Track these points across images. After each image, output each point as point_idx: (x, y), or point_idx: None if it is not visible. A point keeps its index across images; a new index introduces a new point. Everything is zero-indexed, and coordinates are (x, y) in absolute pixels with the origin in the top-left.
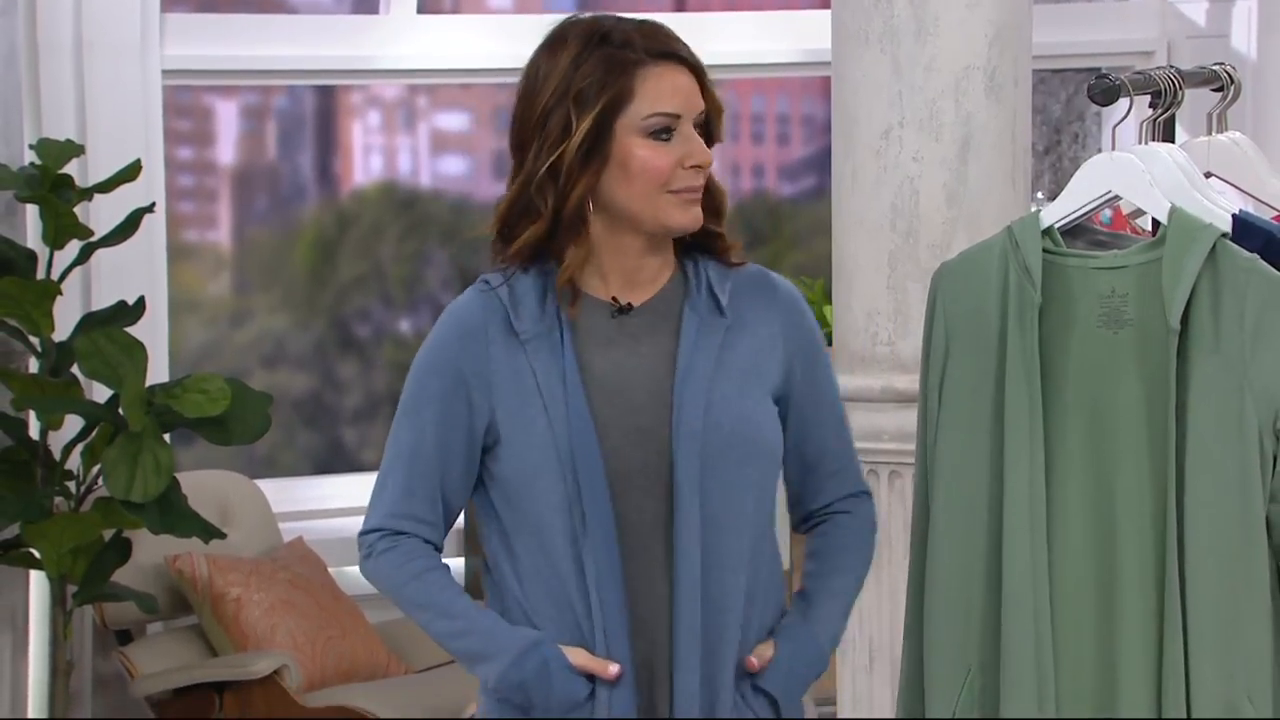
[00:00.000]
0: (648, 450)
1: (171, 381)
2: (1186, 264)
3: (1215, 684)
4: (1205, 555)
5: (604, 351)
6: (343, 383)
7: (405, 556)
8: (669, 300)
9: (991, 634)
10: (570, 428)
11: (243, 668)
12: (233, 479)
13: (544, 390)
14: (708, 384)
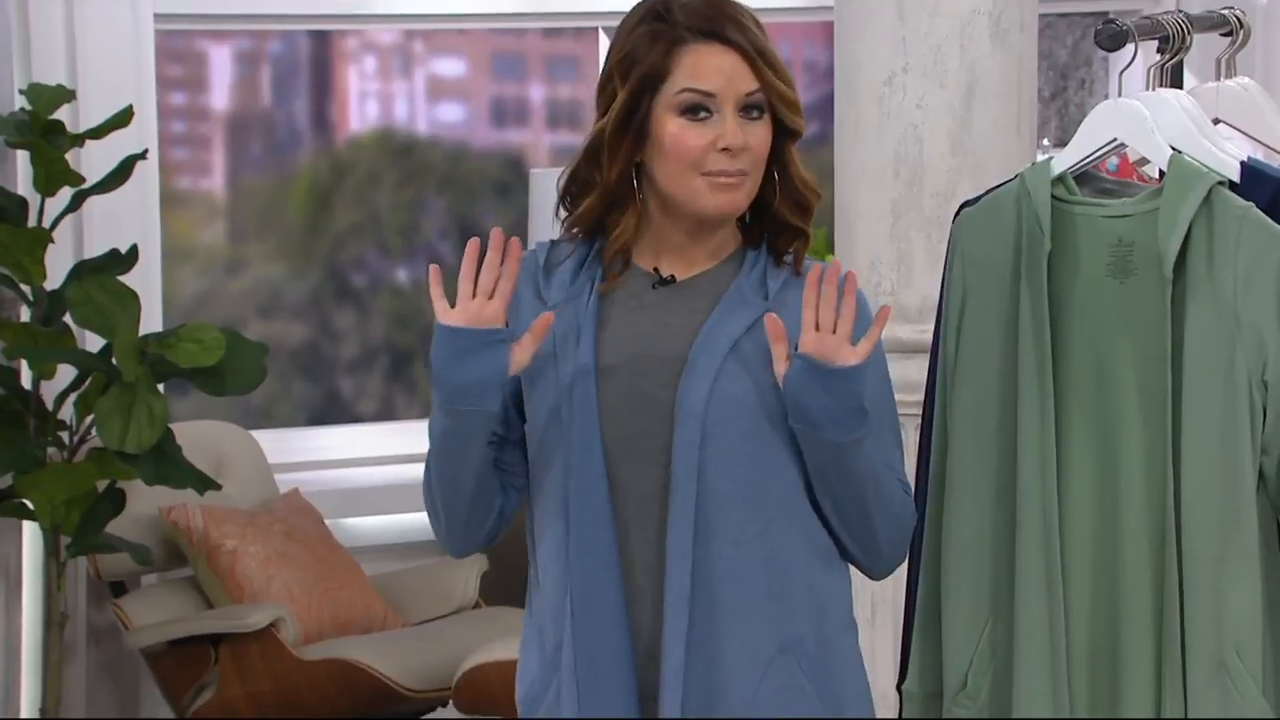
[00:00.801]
0: (650, 416)
1: (165, 331)
2: (1181, 212)
3: (1206, 638)
4: (1197, 508)
5: (631, 318)
6: (339, 332)
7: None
8: (717, 279)
9: (1007, 584)
10: (573, 385)
11: (238, 620)
12: (228, 430)
13: (558, 349)
14: (725, 354)
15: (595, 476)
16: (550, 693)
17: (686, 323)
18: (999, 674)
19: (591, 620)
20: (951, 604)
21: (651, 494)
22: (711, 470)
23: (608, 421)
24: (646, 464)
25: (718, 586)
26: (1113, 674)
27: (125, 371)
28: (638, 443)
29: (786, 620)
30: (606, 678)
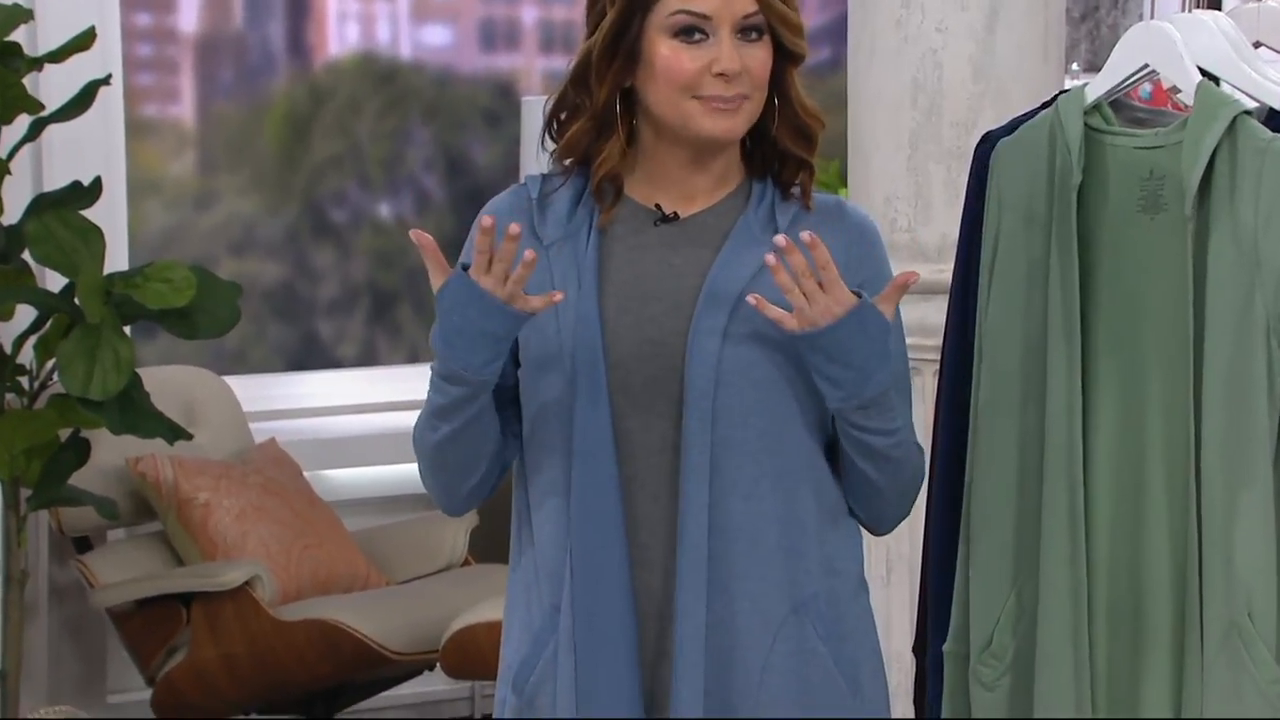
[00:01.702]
0: (658, 364)
1: (132, 270)
2: (1203, 144)
3: (1221, 597)
4: (1213, 463)
5: (633, 258)
6: (317, 272)
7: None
8: (722, 215)
9: (1034, 540)
10: (576, 334)
11: (211, 578)
12: (199, 375)
13: (559, 287)
14: (737, 298)
15: (601, 429)
16: (546, 655)
17: (693, 264)
18: (1025, 633)
19: (593, 581)
20: (979, 558)
21: (659, 448)
22: (724, 422)
23: (614, 372)
24: (655, 417)
25: (730, 544)
26: (1133, 634)
27: (89, 313)
28: (645, 394)
29: (800, 579)
30: (607, 641)
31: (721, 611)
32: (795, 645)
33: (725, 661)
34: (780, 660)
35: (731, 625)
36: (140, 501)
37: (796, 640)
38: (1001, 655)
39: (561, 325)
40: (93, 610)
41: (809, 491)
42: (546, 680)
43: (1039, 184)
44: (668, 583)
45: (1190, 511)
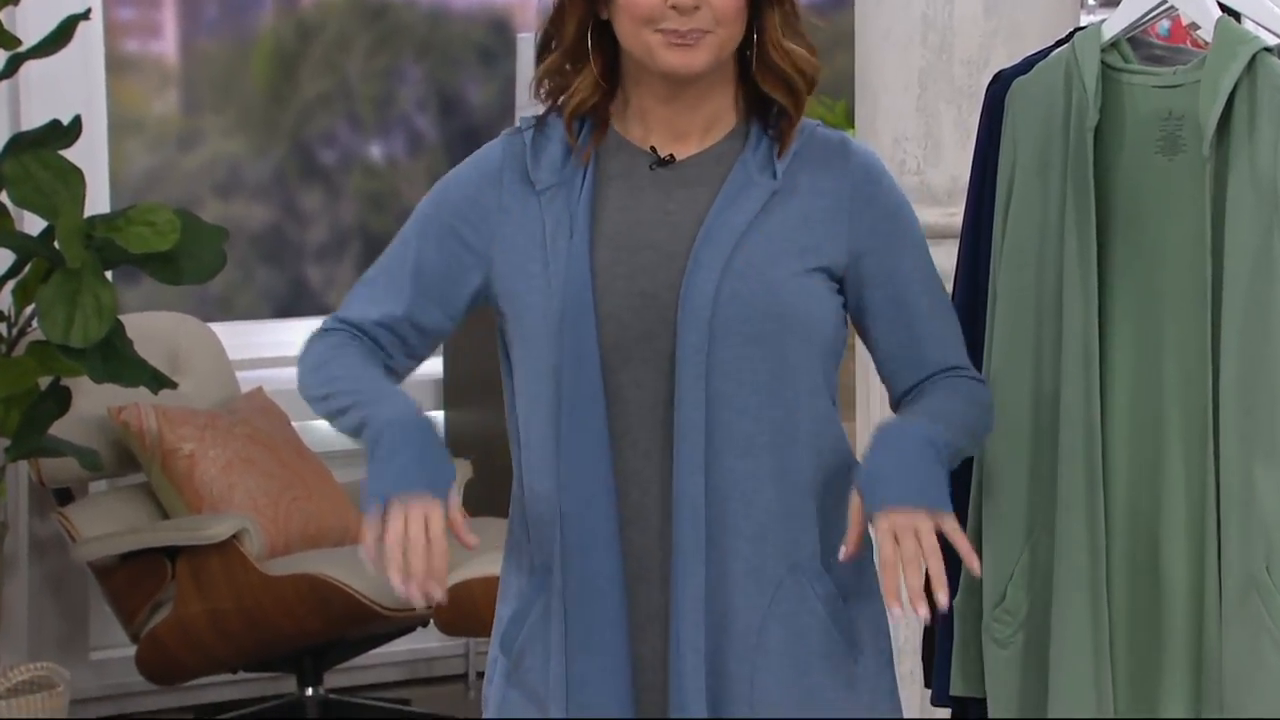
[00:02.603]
0: (650, 317)
1: (113, 212)
2: (1221, 82)
3: (1239, 550)
4: (1231, 411)
5: (627, 205)
6: (306, 215)
7: (337, 340)
8: (719, 158)
9: (1050, 491)
10: (565, 285)
11: (197, 531)
12: (183, 322)
13: (549, 242)
14: (732, 248)
15: (591, 384)
16: (536, 611)
17: (688, 211)
18: (1040, 588)
19: (583, 540)
20: (991, 511)
21: (651, 404)
22: (719, 377)
23: (605, 325)
24: (647, 371)
25: (725, 503)
26: (1152, 589)
27: (69, 257)
28: (637, 348)
29: (799, 539)
30: (598, 599)
31: (717, 571)
32: (793, 605)
33: (721, 622)
34: (777, 621)
35: (727, 585)
36: (123, 452)
37: (794, 600)
38: (1015, 611)
39: (552, 276)
40: (74, 564)
41: (808, 449)
42: (534, 639)
43: (1054, 125)
44: (661, 542)
45: (1208, 461)
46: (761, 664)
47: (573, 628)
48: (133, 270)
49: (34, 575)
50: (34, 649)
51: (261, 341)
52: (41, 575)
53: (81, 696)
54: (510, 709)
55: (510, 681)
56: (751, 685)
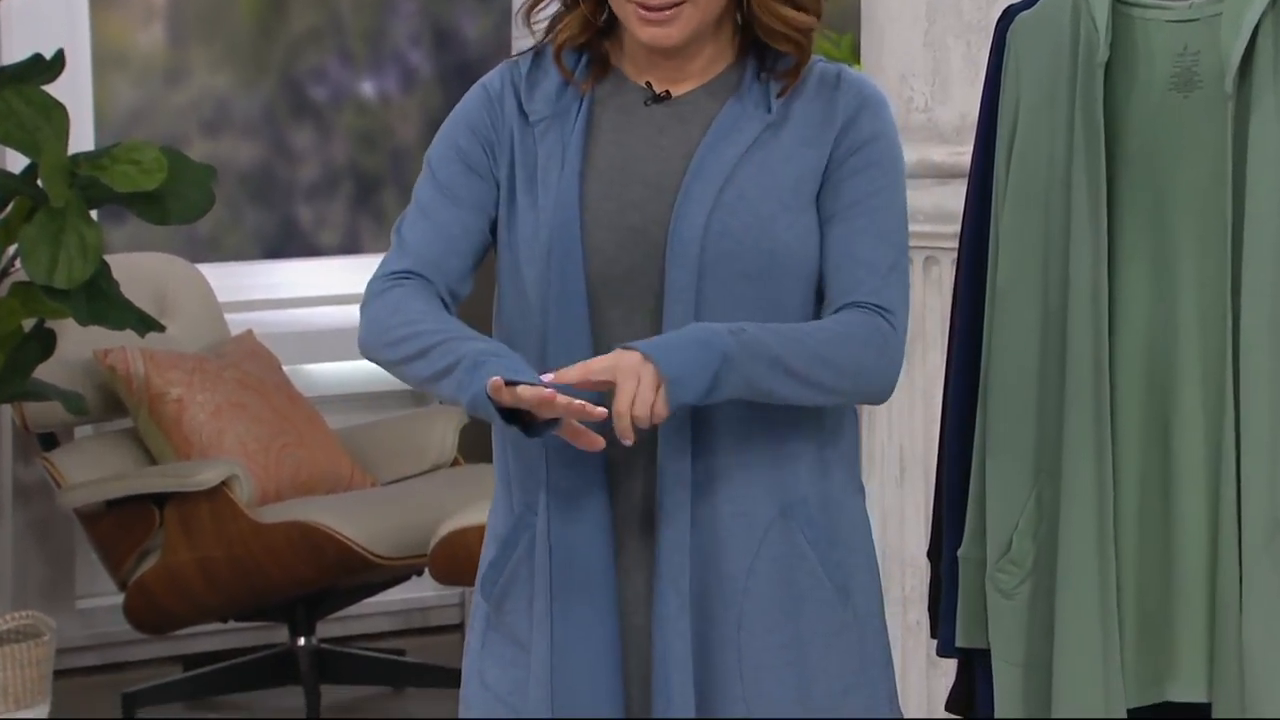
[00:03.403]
0: (638, 253)
1: (98, 150)
2: (1245, 16)
3: (1265, 495)
4: (1255, 352)
5: (619, 140)
6: (296, 153)
7: (407, 290)
8: (714, 93)
9: (1056, 436)
10: (553, 218)
11: (185, 478)
12: (171, 263)
13: (540, 174)
14: (722, 183)
15: (576, 320)
16: (519, 553)
17: (680, 146)
18: (1047, 538)
19: (569, 481)
20: (996, 457)
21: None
22: (708, 315)
23: (593, 260)
24: (635, 308)
25: (714, 445)
26: (1164, 537)
27: (53, 195)
28: (626, 284)
29: (788, 481)
30: (583, 541)
31: (705, 514)
32: (782, 550)
33: (709, 565)
34: (765, 565)
35: (715, 528)
36: (109, 396)
37: (783, 545)
38: (1021, 561)
39: (541, 210)
40: (60, 511)
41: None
42: (516, 582)
43: (1061, 61)
44: (647, 483)
45: (1227, 404)
46: (749, 608)
47: (557, 569)
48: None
49: (18, 522)
50: (19, 597)
51: (251, 283)
52: (26, 522)
53: (68, 645)
54: (491, 653)
55: (490, 625)
56: (739, 629)
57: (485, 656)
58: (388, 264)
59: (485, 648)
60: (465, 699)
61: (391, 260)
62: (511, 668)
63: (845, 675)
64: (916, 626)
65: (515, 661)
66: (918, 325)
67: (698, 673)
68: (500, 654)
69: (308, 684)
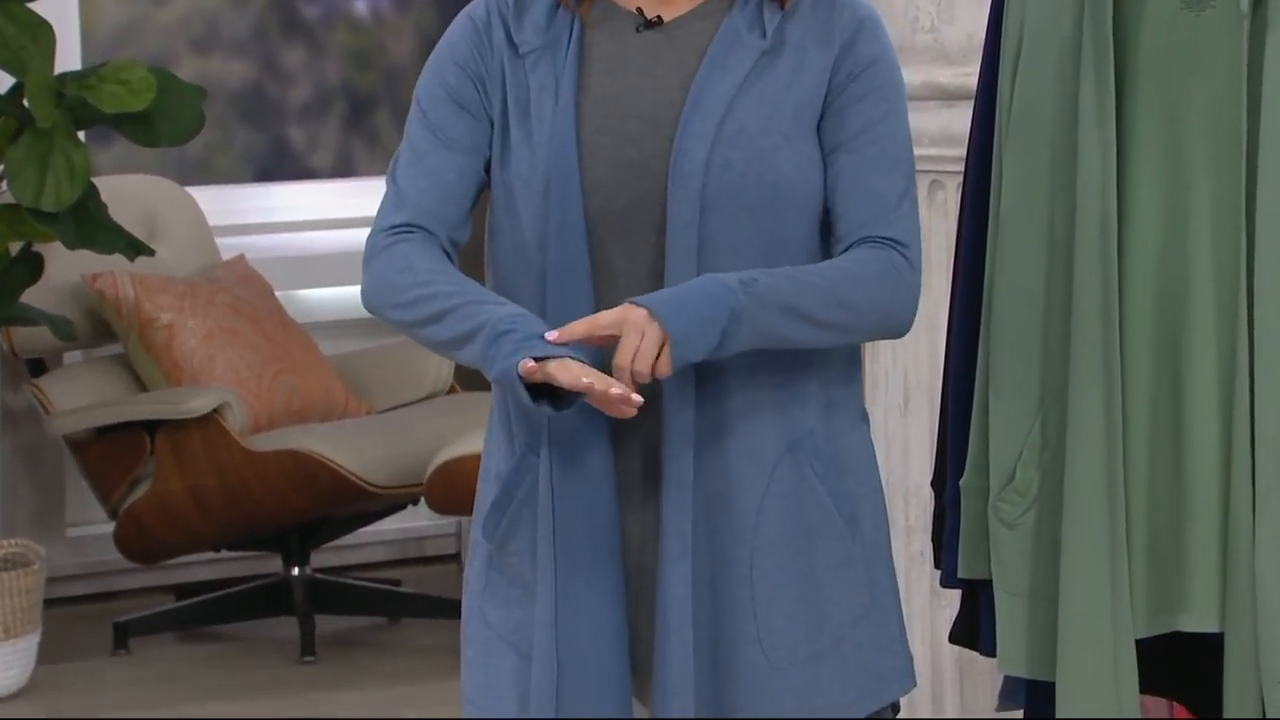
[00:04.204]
0: (638, 188)
1: (85, 69)
2: None
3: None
4: (1270, 274)
5: (613, 70)
6: (288, 73)
7: (411, 246)
8: (707, 16)
9: (1062, 364)
10: (550, 153)
11: (176, 405)
12: (160, 185)
13: (535, 110)
14: (722, 114)
15: (576, 257)
16: (521, 494)
17: (676, 75)
18: (1051, 466)
19: (572, 424)
20: (1000, 383)
21: (642, 277)
22: (711, 249)
23: (592, 196)
24: (637, 243)
25: (721, 382)
26: (1175, 465)
27: (39, 116)
28: (627, 219)
29: (795, 416)
30: (587, 481)
31: (713, 456)
32: (791, 485)
33: (718, 506)
34: (775, 501)
35: (724, 466)
36: (98, 322)
37: (793, 480)
38: (1024, 490)
39: (536, 145)
40: (49, 438)
41: None
42: (519, 524)
43: None
44: (652, 429)
45: (1240, 327)
46: (760, 545)
47: (561, 514)
48: (106, 131)
49: (6, 449)
50: (8, 525)
51: (242, 206)
52: (14, 449)
53: (58, 574)
54: (493, 593)
55: (492, 565)
56: (750, 567)
57: (487, 597)
58: (386, 216)
59: (487, 589)
60: (468, 636)
61: (389, 212)
62: (515, 608)
63: (855, 607)
64: (920, 557)
65: (518, 602)
66: (923, 253)
67: (712, 612)
68: (504, 595)
69: (302, 614)
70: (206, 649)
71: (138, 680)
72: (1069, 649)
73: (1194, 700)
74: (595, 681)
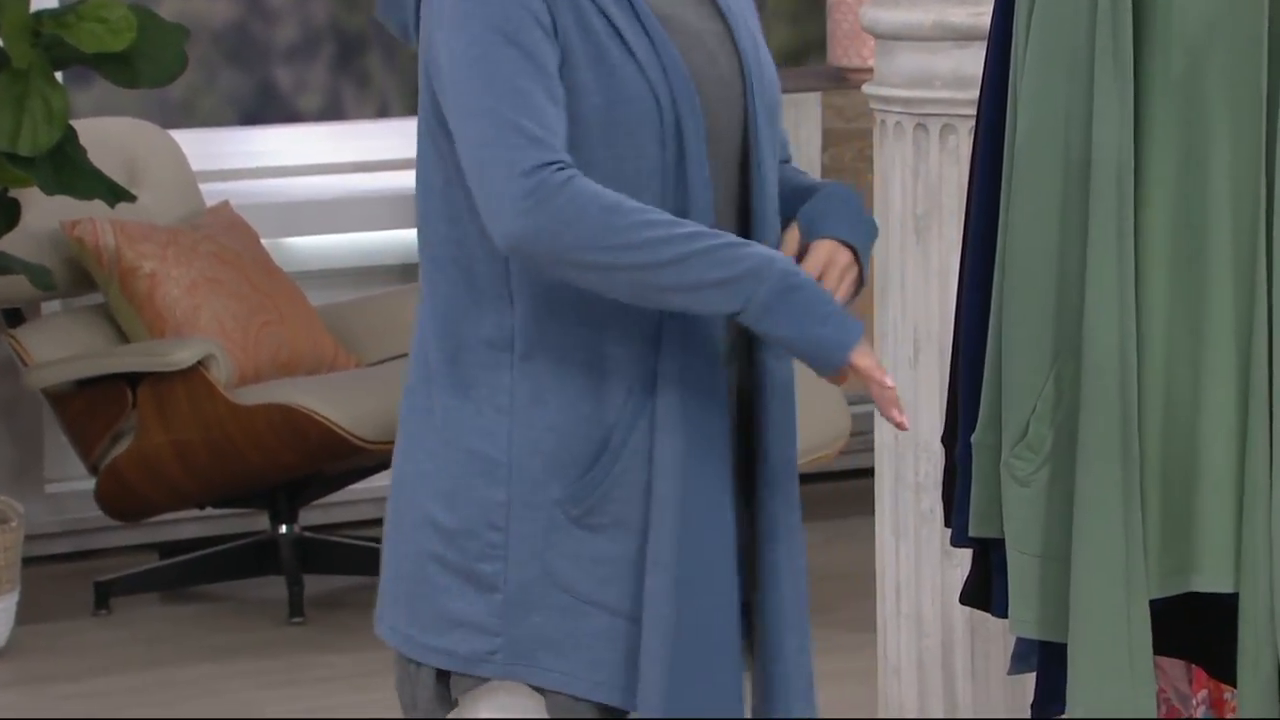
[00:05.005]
0: (732, 107)
1: (63, 7)
2: None
3: None
4: None
5: None
6: (273, 11)
7: (587, 188)
8: None
9: (1077, 315)
10: (667, 76)
11: (160, 357)
12: (142, 129)
13: (623, 31)
14: (743, 25)
15: (706, 187)
16: (636, 439)
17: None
18: (1065, 422)
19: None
20: (1012, 334)
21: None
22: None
23: (709, 115)
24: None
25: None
26: (1191, 419)
27: (15, 56)
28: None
29: None
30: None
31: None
32: None
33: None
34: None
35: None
36: (78, 270)
37: None
38: (1037, 446)
39: (645, 67)
40: (27, 391)
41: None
42: (629, 471)
43: None
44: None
45: (1259, 280)
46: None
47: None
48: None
49: None
50: None
51: (227, 151)
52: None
53: (37, 532)
54: (580, 553)
55: (578, 525)
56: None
57: (573, 553)
58: (528, 156)
59: (573, 548)
60: (530, 601)
61: (530, 151)
62: (605, 565)
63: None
64: (930, 515)
65: (612, 559)
66: (933, 198)
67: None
68: (595, 551)
69: (289, 573)
70: (191, 609)
71: (119, 642)
72: (1081, 610)
73: (1210, 662)
74: (710, 650)
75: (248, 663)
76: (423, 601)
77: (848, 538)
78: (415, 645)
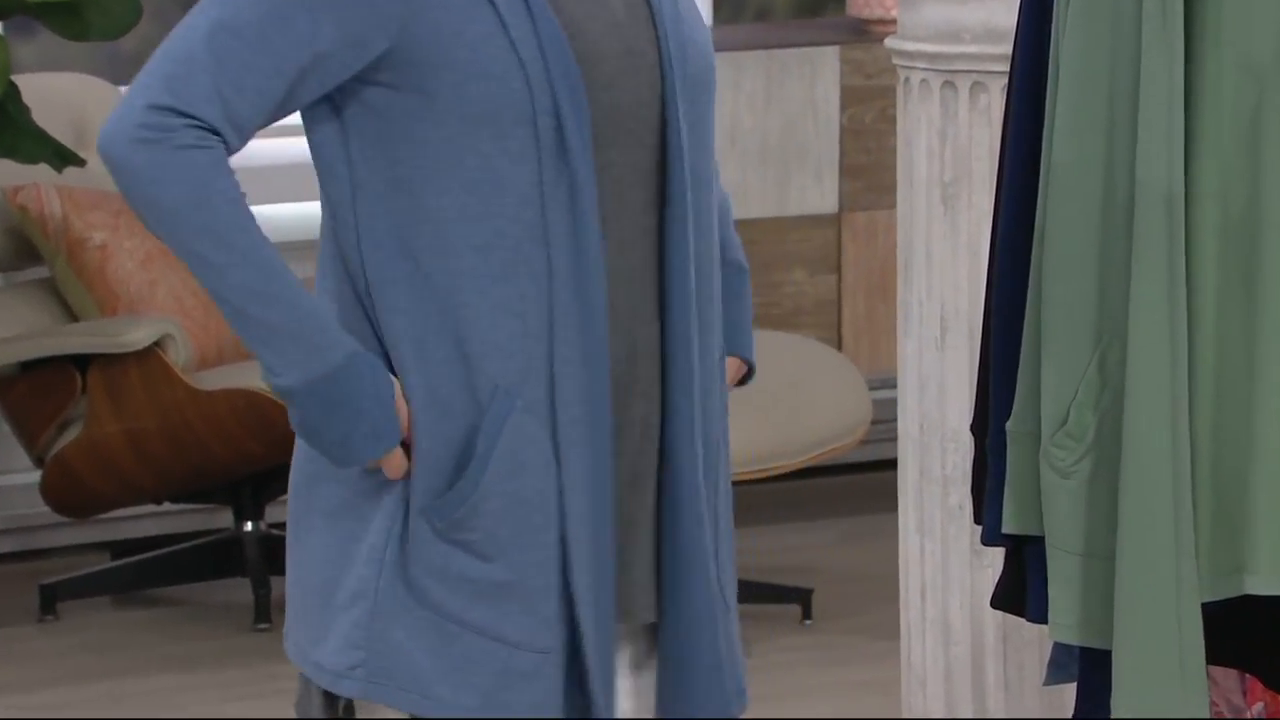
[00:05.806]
0: (640, 80)
1: None
2: None
3: None
4: None
5: None
6: None
7: (217, 168)
8: None
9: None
10: (542, 46)
11: (112, 337)
12: (92, 86)
13: (505, 18)
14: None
15: (588, 169)
16: (502, 442)
17: None
18: (1110, 409)
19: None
20: (1052, 315)
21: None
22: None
23: (597, 90)
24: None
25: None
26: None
27: None
28: (627, 117)
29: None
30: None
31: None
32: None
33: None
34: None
35: (707, 367)
36: (22, 242)
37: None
38: (1080, 434)
39: (516, 41)
40: None
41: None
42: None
43: None
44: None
45: None
46: (723, 484)
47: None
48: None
49: None
50: None
51: None
52: None
53: None
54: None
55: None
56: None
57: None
58: (179, 89)
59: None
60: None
61: (195, 97)
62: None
63: None
64: (958, 511)
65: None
66: (962, 164)
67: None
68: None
69: (255, 575)
70: (146, 615)
71: (67, 650)
72: (1128, 613)
73: (1267, 671)
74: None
75: (209, 673)
76: (313, 610)
77: (868, 536)
78: (301, 656)
